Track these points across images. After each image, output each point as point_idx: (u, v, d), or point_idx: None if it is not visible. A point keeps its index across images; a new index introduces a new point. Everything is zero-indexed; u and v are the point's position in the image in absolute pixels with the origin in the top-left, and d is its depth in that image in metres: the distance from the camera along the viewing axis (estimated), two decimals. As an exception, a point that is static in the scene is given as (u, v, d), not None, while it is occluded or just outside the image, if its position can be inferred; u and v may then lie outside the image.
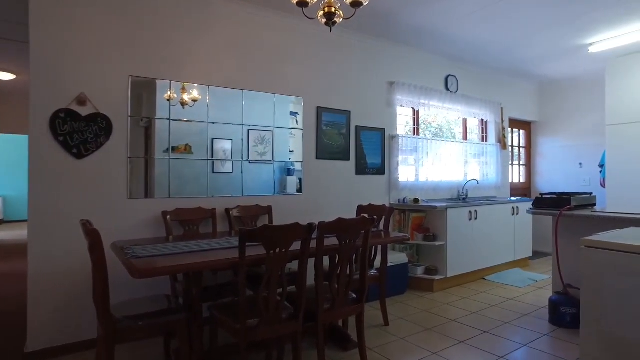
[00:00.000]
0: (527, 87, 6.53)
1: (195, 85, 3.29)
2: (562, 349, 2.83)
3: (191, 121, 3.27)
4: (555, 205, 3.35)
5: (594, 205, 3.68)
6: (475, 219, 4.66)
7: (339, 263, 2.32)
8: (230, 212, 3.38)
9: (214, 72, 3.39)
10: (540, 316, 3.49)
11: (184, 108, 3.25)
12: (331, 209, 4.07)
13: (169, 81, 3.17)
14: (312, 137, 3.95)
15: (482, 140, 5.94)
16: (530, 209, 3.50)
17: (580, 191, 6.41)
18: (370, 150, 4.43)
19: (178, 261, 2.00)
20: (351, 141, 4.26)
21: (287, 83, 3.80)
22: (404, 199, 4.60)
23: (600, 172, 5.60)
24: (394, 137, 4.62)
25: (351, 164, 4.26)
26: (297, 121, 3.85)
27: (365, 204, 3.90)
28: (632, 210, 3.10)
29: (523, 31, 4.30)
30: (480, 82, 5.73)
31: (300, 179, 3.87)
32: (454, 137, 5.73)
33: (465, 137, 5.76)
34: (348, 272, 2.38)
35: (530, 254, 5.53)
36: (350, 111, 4.24)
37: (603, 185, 5.54)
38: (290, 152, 3.81)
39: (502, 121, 5.96)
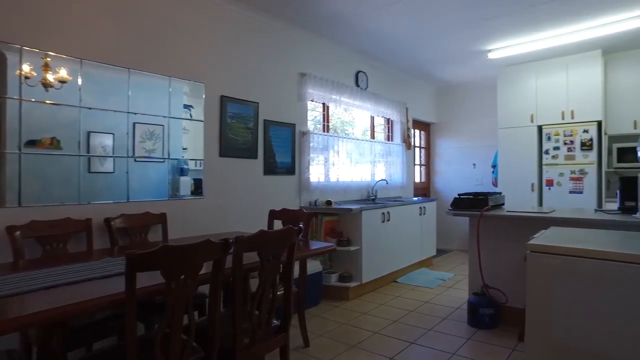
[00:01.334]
0: (428, 89, 6.71)
1: (65, 58, 2.50)
2: (489, 352, 2.72)
3: (58, 105, 2.48)
4: (473, 205, 3.28)
5: (503, 204, 3.74)
6: (388, 220, 4.51)
7: (261, 285, 1.84)
8: (112, 223, 2.66)
9: (88, 43, 2.62)
10: (459, 318, 3.40)
11: (47, 91, 2.44)
12: (238, 215, 3.53)
13: (19, 47, 2.34)
14: (214, 131, 3.37)
15: (388, 140, 5.91)
16: (450, 209, 3.40)
17: (473, 190, 6.88)
18: (280, 148, 3.99)
19: (27, 306, 1.32)
20: (259, 137, 3.76)
21: (184, 65, 3.17)
22: (315, 201, 4.26)
23: (493, 172, 5.93)
24: (305, 134, 4.25)
25: (259, 162, 3.77)
26: (191, 115, 3.22)
27: (277, 208, 3.46)
28: (522, 208, 3.16)
29: (432, 30, 4.26)
30: (388, 80, 5.67)
31: (199, 180, 3.26)
32: (364, 136, 5.58)
33: (372, 136, 5.65)
34: (271, 295, 1.90)
35: (435, 253, 5.62)
36: (258, 103, 3.75)
37: (495, 184, 5.87)
38: (184, 149, 3.18)
39: (408, 121, 5.99)
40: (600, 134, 4.94)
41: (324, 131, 4.73)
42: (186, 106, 3.19)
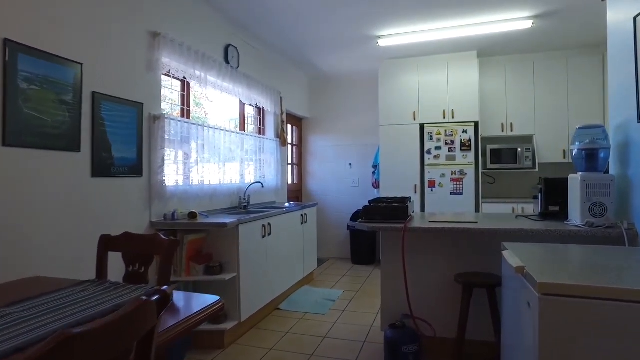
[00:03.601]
0: (302, 78, 5.98)
1: None
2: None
3: None
4: (393, 216, 2.58)
5: (413, 211, 3.16)
6: (269, 234, 3.57)
7: None
8: None
9: None
10: (375, 357, 2.68)
11: None
12: (41, 247, 2.14)
13: None
14: (-8, 101, 1.94)
15: (260, 134, 4.96)
16: (361, 220, 2.64)
17: (349, 192, 6.44)
18: (120, 137, 2.68)
19: None
20: (84, 118, 2.41)
21: None
22: (173, 214, 3.05)
23: (374, 172, 5.50)
24: (159, 119, 3.00)
25: (83, 158, 2.42)
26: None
27: (115, 231, 2.19)
28: (434, 217, 2.65)
29: (316, 1, 3.49)
30: (262, 62, 4.71)
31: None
32: (235, 127, 4.52)
33: (243, 128, 4.63)
34: None
35: (316, 266, 4.90)
36: (82, 64, 2.39)
37: (376, 186, 5.45)
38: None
39: (282, 113, 5.13)
40: (477, 135, 4.89)
41: (184, 117, 3.53)
42: None
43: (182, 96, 3.61)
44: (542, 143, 4.89)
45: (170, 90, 3.45)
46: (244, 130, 4.58)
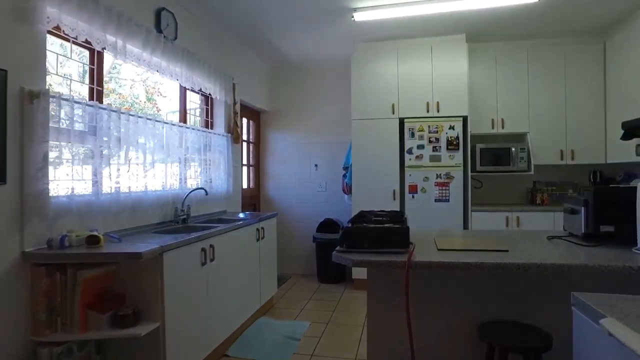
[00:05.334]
0: (261, 64, 5.06)
1: None
2: None
3: None
4: (386, 243, 1.74)
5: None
6: (212, 260, 2.65)
7: None
8: None
9: None
10: None
11: None
12: None
13: None
14: None
15: (208, 127, 4.01)
16: (340, 250, 1.78)
17: (313, 198, 5.53)
18: (-39, 121, 1.68)
19: None
20: None
21: None
22: (62, 239, 2.05)
23: (345, 175, 4.67)
24: (38, 97, 2.00)
25: None
26: None
27: None
28: (451, 244, 1.83)
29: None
30: (209, 38, 3.77)
31: None
32: (170, 118, 3.56)
33: (184, 119, 3.66)
34: None
35: (276, 289, 4.01)
36: None
37: (346, 191, 4.64)
38: None
39: (235, 103, 4.20)
40: (466, 132, 4.18)
41: (92, 99, 2.55)
42: None
43: (92, 71, 2.62)
44: (536, 142, 4.25)
45: (67, 61, 2.45)
46: (185, 122, 3.62)
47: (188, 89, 3.65)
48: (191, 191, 3.25)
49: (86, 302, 1.99)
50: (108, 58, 2.70)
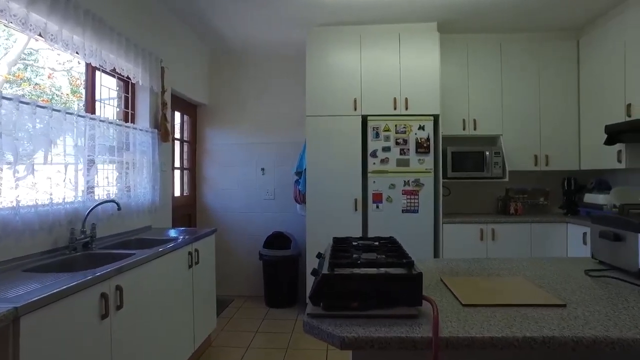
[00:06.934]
0: (199, 48, 4.24)
1: None
2: None
3: None
4: (389, 300, 1.09)
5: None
6: (119, 307, 1.85)
7: None
8: None
9: None
10: None
11: None
12: None
13: None
14: None
15: (127, 121, 3.16)
16: (311, 316, 1.10)
17: (260, 206, 4.71)
18: None
19: None
20: None
21: None
22: None
23: (297, 181, 3.99)
24: None
25: None
26: None
27: None
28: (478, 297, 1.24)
29: None
30: (128, 2, 2.93)
31: None
32: (69, 103, 2.68)
33: (91, 110, 2.78)
34: None
35: (215, 325, 3.23)
36: None
37: (300, 200, 3.97)
38: None
39: (164, 91, 3.37)
40: (437, 133, 3.68)
41: None
42: None
43: None
44: (510, 146, 3.85)
45: None
46: (93, 112, 2.75)
47: (97, 69, 2.79)
48: (95, 205, 2.40)
49: None
50: (-41, 11, 1.82)
